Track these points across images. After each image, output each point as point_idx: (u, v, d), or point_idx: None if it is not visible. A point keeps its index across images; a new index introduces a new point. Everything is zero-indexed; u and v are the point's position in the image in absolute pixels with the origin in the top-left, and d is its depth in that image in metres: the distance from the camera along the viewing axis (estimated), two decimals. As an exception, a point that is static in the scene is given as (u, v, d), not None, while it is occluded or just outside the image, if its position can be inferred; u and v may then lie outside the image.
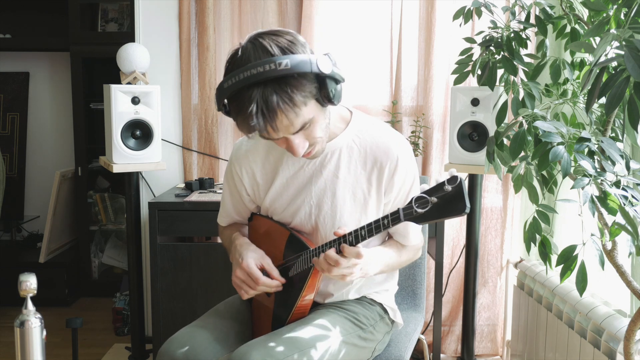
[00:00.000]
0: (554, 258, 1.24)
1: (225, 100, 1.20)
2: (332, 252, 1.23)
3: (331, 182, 1.39)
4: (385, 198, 1.39)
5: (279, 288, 1.36)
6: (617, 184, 1.10)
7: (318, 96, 1.20)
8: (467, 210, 1.03)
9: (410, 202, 1.10)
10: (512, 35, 1.45)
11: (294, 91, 1.15)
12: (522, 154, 1.25)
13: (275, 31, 1.21)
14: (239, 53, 1.19)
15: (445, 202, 1.06)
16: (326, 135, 1.31)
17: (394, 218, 1.15)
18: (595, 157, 1.14)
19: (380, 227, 1.19)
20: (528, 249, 1.27)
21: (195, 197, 2.34)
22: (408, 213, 1.11)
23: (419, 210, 1.09)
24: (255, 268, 1.35)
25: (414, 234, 1.44)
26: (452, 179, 1.05)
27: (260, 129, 1.17)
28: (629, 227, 1.08)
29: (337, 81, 1.22)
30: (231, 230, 1.55)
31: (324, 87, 1.19)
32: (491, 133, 2.09)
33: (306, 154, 1.29)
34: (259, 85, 1.13)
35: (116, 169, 2.28)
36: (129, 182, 2.43)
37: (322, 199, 1.39)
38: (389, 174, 1.36)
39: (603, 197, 1.10)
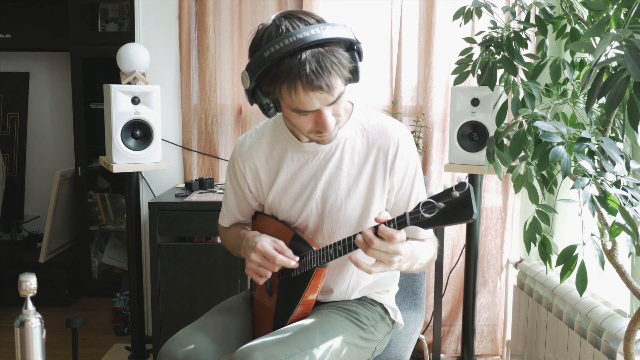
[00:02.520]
0: (554, 258, 1.24)
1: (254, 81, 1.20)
2: (368, 231, 1.17)
3: (335, 175, 1.39)
4: (389, 183, 1.39)
5: (295, 266, 1.34)
6: (617, 184, 1.10)
7: (349, 67, 1.21)
8: (474, 218, 1.03)
9: (418, 206, 1.10)
10: (512, 35, 1.45)
11: (338, 55, 1.17)
12: (522, 154, 1.25)
13: (297, 10, 1.23)
14: (271, 29, 1.18)
15: (452, 208, 1.06)
16: (341, 118, 1.30)
17: (401, 222, 1.15)
18: (595, 157, 1.14)
19: None
20: (528, 249, 1.27)
21: (195, 197, 2.34)
22: (415, 217, 1.11)
23: (426, 215, 1.09)
24: (271, 248, 1.33)
25: (424, 230, 1.43)
26: (460, 185, 1.05)
27: (314, 87, 1.15)
28: (629, 227, 1.08)
29: (360, 58, 1.24)
30: (236, 229, 1.54)
31: (353, 60, 1.22)
32: (491, 133, 2.09)
33: (328, 134, 1.28)
34: (306, 50, 1.14)
35: (116, 169, 2.28)
36: (129, 182, 2.43)
37: (327, 193, 1.40)
38: (391, 157, 1.37)
39: (603, 197, 1.10)
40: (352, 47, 1.22)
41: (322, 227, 1.41)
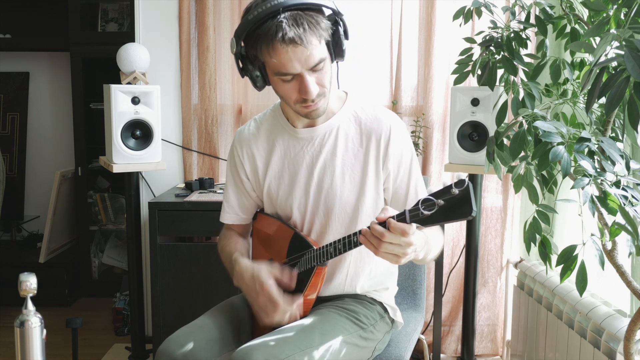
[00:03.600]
0: (554, 258, 1.24)
1: (242, 44, 1.29)
2: (377, 226, 1.16)
3: (330, 161, 1.41)
4: (384, 171, 1.41)
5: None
6: (617, 184, 1.10)
7: (330, 39, 1.28)
8: (474, 214, 1.04)
9: (417, 204, 1.11)
10: (512, 35, 1.45)
11: (317, 18, 1.24)
12: (522, 154, 1.25)
13: None
14: None
15: (452, 205, 1.06)
16: (329, 95, 1.33)
17: (400, 220, 1.15)
18: (595, 157, 1.14)
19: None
20: (528, 249, 1.27)
21: (195, 197, 2.34)
22: (414, 215, 1.11)
23: (425, 212, 1.09)
24: (275, 291, 1.32)
25: None
26: (460, 183, 1.05)
27: (288, 41, 1.20)
28: (629, 227, 1.08)
29: (345, 36, 1.30)
30: (230, 248, 1.51)
31: (337, 32, 1.28)
32: (491, 133, 2.09)
33: (313, 105, 1.30)
34: (285, 11, 1.21)
35: (116, 169, 2.28)
36: (129, 182, 2.43)
37: (322, 179, 1.42)
38: (384, 143, 1.39)
39: (603, 197, 1.10)
40: (336, 22, 1.29)
41: (318, 214, 1.43)
